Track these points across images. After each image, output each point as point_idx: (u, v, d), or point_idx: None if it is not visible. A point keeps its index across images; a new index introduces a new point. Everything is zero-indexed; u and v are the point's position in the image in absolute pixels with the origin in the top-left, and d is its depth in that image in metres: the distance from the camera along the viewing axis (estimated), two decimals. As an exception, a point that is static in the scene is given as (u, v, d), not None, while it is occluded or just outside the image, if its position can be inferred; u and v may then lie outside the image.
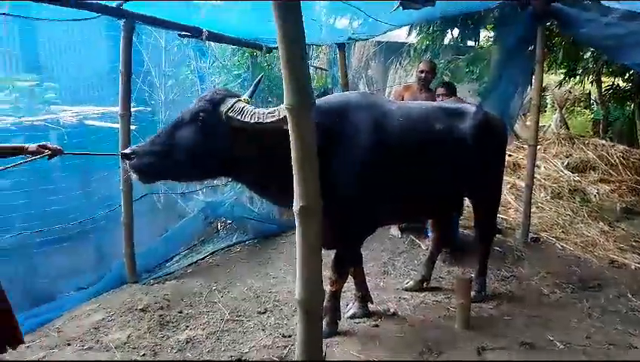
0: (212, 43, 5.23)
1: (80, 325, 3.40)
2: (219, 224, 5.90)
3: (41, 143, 2.68)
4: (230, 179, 3.18)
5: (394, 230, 5.52)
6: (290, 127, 1.83)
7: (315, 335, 2.04)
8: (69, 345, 3.15)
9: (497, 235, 5.55)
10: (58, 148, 2.70)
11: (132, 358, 3.01)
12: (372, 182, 3.00)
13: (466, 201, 4.36)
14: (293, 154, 1.87)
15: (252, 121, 2.49)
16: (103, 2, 3.59)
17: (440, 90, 5.05)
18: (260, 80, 3.12)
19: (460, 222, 5.32)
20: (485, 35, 8.65)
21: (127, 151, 2.59)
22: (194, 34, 4.32)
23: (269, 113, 2.46)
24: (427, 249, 5.08)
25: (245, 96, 2.77)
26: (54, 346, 3.14)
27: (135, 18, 3.81)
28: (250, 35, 5.30)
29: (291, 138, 1.86)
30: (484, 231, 4.13)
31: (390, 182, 3.11)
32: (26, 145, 2.67)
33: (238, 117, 2.52)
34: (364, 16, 4.57)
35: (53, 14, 3.84)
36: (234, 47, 5.62)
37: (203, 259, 5.12)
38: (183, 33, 4.35)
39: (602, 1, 3.67)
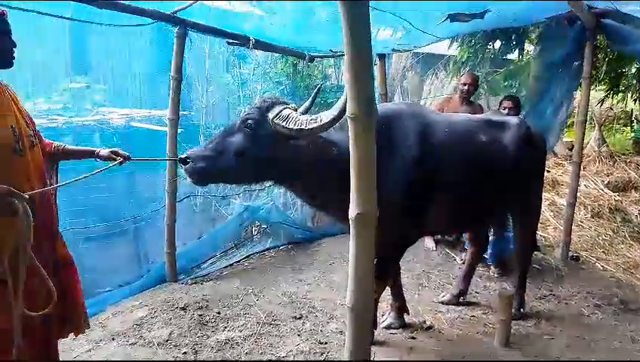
0: (256, 50, 5.33)
1: (124, 320, 3.50)
2: (253, 228, 5.98)
3: (112, 149, 2.67)
4: (278, 186, 3.24)
5: (428, 242, 5.47)
6: (351, 135, 1.86)
7: (365, 343, 2.05)
8: (113, 339, 3.24)
9: (536, 252, 5.45)
10: (127, 154, 2.71)
11: (174, 355, 3.08)
12: (416, 192, 3.00)
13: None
14: (352, 162, 1.89)
15: (295, 128, 2.52)
16: (157, 10, 3.74)
17: (506, 104, 4.95)
18: (319, 89, 3.14)
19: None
20: (525, 49, 8.53)
21: (184, 156, 2.69)
22: (242, 42, 4.42)
23: (311, 120, 2.49)
24: (463, 262, 5.05)
25: (294, 104, 2.79)
26: (99, 340, 3.23)
27: (188, 25, 3.92)
28: (292, 44, 5.39)
29: (351, 146, 1.88)
30: (523, 246, 4.06)
31: (433, 193, 3.10)
32: (97, 150, 2.68)
33: (284, 123, 2.56)
34: (407, 28, 4.59)
35: (108, 19, 3.99)
36: (277, 54, 5.72)
37: (238, 261, 5.21)
38: (232, 41, 4.45)
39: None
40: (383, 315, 3.79)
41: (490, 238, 4.77)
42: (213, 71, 5.93)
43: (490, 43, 7.75)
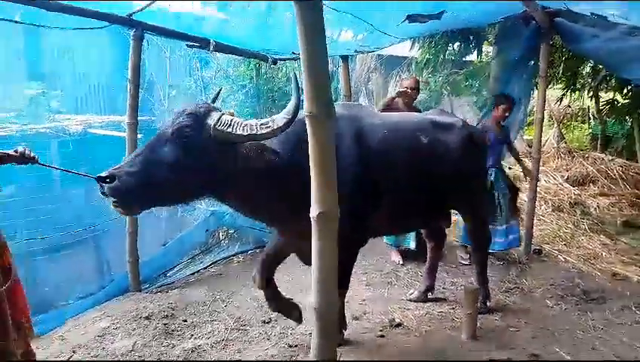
0: (217, 53, 5.26)
1: (85, 332, 3.38)
2: (220, 234, 5.89)
3: (19, 149, 2.53)
4: (216, 199, 2.78)
5: (395, 256, 5.40)
6: (310, 133, 1.85)
7: (331, 344, 2.04)
8: (74, 352, 3.12)
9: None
10: (33, 155, 2.53)
11: (138, 367, 2.99)
12: (355, 195, 2.87)
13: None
14: (312, 161, 1.89)
15: (245, 134, 2.30)
16: (113, 12, 3.65)
17: (503, 104, 5.01)
18: (220, 91, 3.01)
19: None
20: (484, 50, 8.76)
21: (104, 174, 2.18)
22: (202, 44, 4.36)
23: (262, 124, 2.30)
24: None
25: (231, 109, 2.71)
26: (60, 353, 3.11)
27: (145, 28, 3.84)
28: (255, 47, 5.35)
29: (310, 145, 1.88)
30: (478, 240, 4.15)
31: (373, 195, 3.04)
32: (8, 152, 2.53)
33: (228, 130, 2.32)
34: (368, 30, 4.63)
35: (62, 22, 3.86)
36: (239, 58, 5.66)
37: (205, 268, 5.12)
38: (191, 43, 4.38)
39: (607, 16, 3.74)
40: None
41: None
42: (175, 75, 5.81)
43: (450, 44, 7.92)
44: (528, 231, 5.43)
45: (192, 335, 3.49)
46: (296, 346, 3.39)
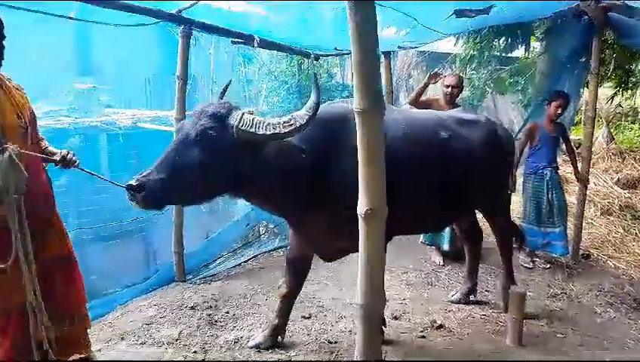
0: (260, 50, 5.32)
1: (133, 320, 3.50)
2: (260, 228, 5.97)
3: (62, 153, 2.59)
4: (240, 198, 2.81)
5: (435, 256, 5.29)
6: (358, 129, 1.85)
7: (376, 342, 2.03)
8: (123, 339, 3.23)
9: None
10: (74, 160, 2.60)
11: (184, 355, 3.07)
12: None
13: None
14: (360, 158, 1.88)
15: (268, 133, 2.29)
16: (162, 9, 3.74)
17: (556, 101, 4.88)
18: (228, 85, 2.95)
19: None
20: (531, 45, 8.47)
21: (134, 182, 2.19)
22: (246, 40, 4.41)
23: (284, 123, 2.29)
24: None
25: (250, 108, 2.66)
26: (109, 340, 3.23)
27: (193, 25, 3.92)
28: (297, 43, 5.38)
29: (359, 141, 1.87)
30: (501, 238, 4.08)
31: (393, 193, 2.97)
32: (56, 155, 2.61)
33: (252, 130, 2.31)
34: (412, 26, 4.56)
35: (111, 19, 3.99)
36: (281, 54, 5.71)
37: (246, 261, 5.21)
38: (236, 40, 4.45)
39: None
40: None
41: None
42: (219, 71, 5.92)
43: (495, 40, 7.69)
44: (576, 235, 5.23)
45: (235, 327, 3.55)
46: (336, 342, 3.39)
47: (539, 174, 5.05)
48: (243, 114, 2.36)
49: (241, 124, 2.31)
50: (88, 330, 2.75)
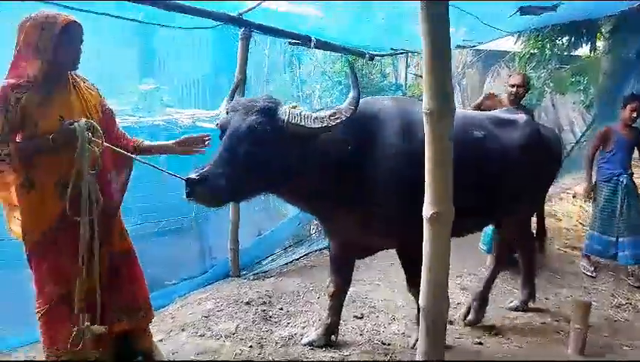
0: (315, 50, 5.36)
1: (193, 312, 3.62)
2: (311, 227, 6.02)
3: (179, 140, 2.85)
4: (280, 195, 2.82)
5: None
6: (427, 130, 1.83)
7: (439, 345, 2.00)
8: (183, 330, 3.35)
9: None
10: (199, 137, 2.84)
11: (241, 348, 3.14)
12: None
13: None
14: (428, 159, 1.86)
15: (317, 126, 2.32)
16: (224, 12, 3.85)
17: (631, 104, 4.67)
18: (238, 83, 2.92)
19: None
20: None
21: (194, 175, 2.17)
22: (303, 41, 4.46)
23: (332, 116, 2.32)
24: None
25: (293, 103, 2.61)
26: (170, 331, 3.36)
27: (253, 27, 4.01)
28: (351, 43, 5.38)
29: (427, 143, 1.85)
30: (523, 239, 3.96)
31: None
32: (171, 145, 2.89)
33: (303, 123, 2.33)
34: (471, 24, 4.45)
35: (174, 22, 4.14)
36: (336, 54, 5.73)
37: (297, 259, 5.27)
38: (293, 41, 4.51)
39: None
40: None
41: None
42: (272, 71, 6.02)
43: (558, 38, 7.36)
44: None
45: (289, 323, 3.60)
46: (389, 344, 3.37)
47: (613, 181, 4.81)
48: (290, 108, 2.41)
49: (290, 118, 2.35)
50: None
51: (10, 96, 2.24)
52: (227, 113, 2.51)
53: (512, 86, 4.68)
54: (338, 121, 2.31)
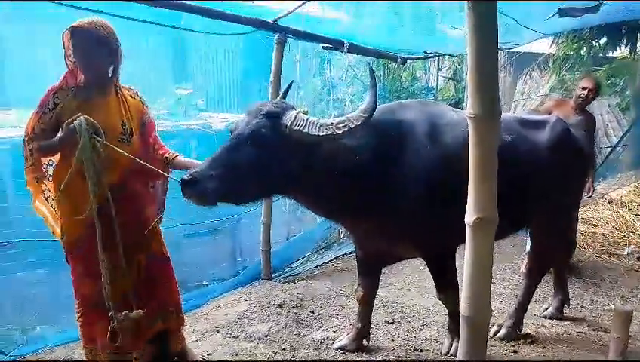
0: (348, 54, 5.37)
1: (227, 314, 3.67)
2: (340, 231, 6.02)
3: None
4: (294, 199, 2.78)
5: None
6: (472, 135, 1.81)
7: (480, 354, 1.97)
8: (218, 331, 3.40)
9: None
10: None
11: (274, 351, 3.17)
12: (443, 194, 2.65)
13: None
14: (471, 165, 1.84)
15: (321, 134, 2.25)
16: (259, 18, 3.90)
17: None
18: (289, 86, 2.87)
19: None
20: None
21: (186, 177, 2.23)
22: (336, 45, 4.48)
23: (338, 124, 2.24)
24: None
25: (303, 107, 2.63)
26: (205, 332, 3.41)
27: (288, 32, 4.04)
28: (382, 46, 5.37)
29: (471, 148, 1.83)
30: (543, 258, 3.68)
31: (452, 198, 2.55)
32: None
33: (306, 130, 2.27)
34: (506, 25, 4.38)
35: (210, 28, 4.20)
36: (366, 58, 5.73)
37: (327, 263, 5.28)
38: (326, 45, 4.53)
39: None
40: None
41: None
42: (304, 76, 6.05)
43: (596, 39, 7.16)
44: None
45: (320, 327, 3.61)
46: (421, 351, 3.34)
47: None
48: (297, 113, 2.34)
49: (294, 124, 2.29)
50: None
51: (50, 100, 2.36)
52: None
53: (584, 89, 4.54)
54: (345, 130, 2.23)
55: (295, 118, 2.31)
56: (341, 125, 2.24)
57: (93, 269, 2.41)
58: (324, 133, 2.25)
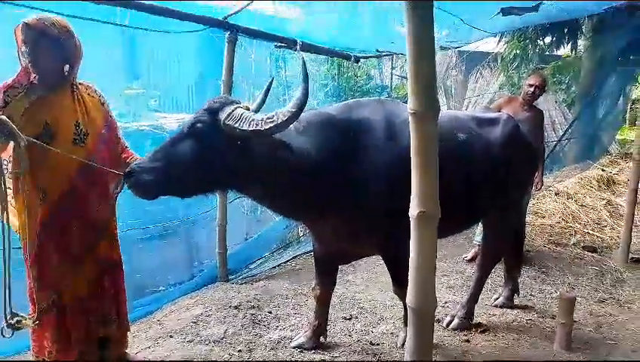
0: (301, 53, 5.37)
1: (180, 318, 3.59)
2: (299, 230, 6.02)
3: None
4: (239, 193, 2.81)
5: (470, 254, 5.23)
6: (412, 131, 1.85)
7: (427, 343, 2.02)
8: (171, 336, 3.32)
9: (592, 254, 5.26)
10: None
11: (230, 353, 3.13)
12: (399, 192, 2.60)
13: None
14: (413, 159, 1.88)
15: (250, 129, 2.25)
16: (209, 16, 3.85)
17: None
18: (270, 85, 2.90)
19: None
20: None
21: (128, 169, 2.35)
22: (289, 44, 4.48)
23: (267, 119, 2.24)
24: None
25: (246, 103, 2.55)
26: (158, 337, 3.32)
27: (239, 31, 4.01)
28: (338, 45, 5.41)
29: (412, 143, 1.87)
30: (489, 252, 3.79)
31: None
32: None
33: (237, 125, 2.28)
34: (454, 25, 4.51)
35: (159, 26, 4.11)
36: (322, 57, 5.76)
37: (286, 262, 5.27)
38: (280, 44, 4.52)
39: None
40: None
41: None
42: (259, 75, 6.00)
43: (540, 38, 7.48)
44: (626, 238, 5.04)
45: (277, 326, 3.60)
46: (378, 344, 3.39)
47: None
48: (235, 109, 2.34)
49: (227, 119, 2.31)
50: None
51: (0, 98, 2.25)
52: None
53: (531, 86, 4.70)
54: (272, 125, 2.21)
55: (230, 113, 2.32)
56: (269, 120, 2.23)
57: (46, 275, 2.39)
58: (253, 128, 2.25)
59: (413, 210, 1.90)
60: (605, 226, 6.30)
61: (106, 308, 2.63)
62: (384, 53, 5.54)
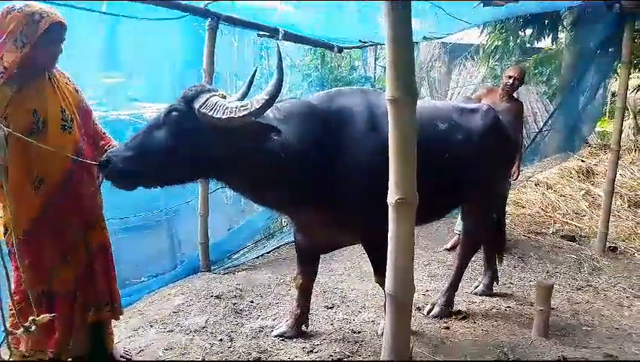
0: (285, 43, 5.33)
1: (161, 308, 3.57)
2: (283, 220, 6.01)
3: None
4: (218, 182, 2.77)
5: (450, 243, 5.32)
6: (391, 118, 1.85)
7: (404, 330, 2.04)
8: (151, 326, 3.30)
9: (571, 243, 5.36)
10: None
11: (210, 342, 3.12)
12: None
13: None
14: (391, 146, 1.88)
15: (223, 117, 2.22)
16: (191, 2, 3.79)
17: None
18: (254, 75, 2.86)
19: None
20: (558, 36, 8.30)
21: (103, 158, 2.32)
22: (271, 33, 4.44)
23: (241, 107, 2.21)
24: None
25: (223, 91, 2.50)
26: (138, 327, 3.30)
27: (220, 18, 3.96)
28: (321, 35, 5.38)
29: (391, 129, 1.88)
30: (474, 238, 3.84)
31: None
32: None
33: (211, 113, 2.25)
34: (437, 16, 4.51)
35: (138, 13, 4.04)
36: (305, 47, 5.72)
37: (269, 252, 5.27)
38: (262, 33, 4.48)
39: None
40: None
41: None
42: (242, 65, 5.94)
43: (521, 30, 7.54)
44: (603, 227, 5.15)
45: (259, 316, 3.60)
46: (359, 332, 3.42)
47: None
48: (210, 97, 2.31)
49: (202, 107, 2.28)
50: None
51: None
52: None
53: (509, 78, 4.75)
54: (246, 112, 2.18)
55: (205, 101, 2.29)
56: (243, 108, 2.21)
57: (38, 266, 2.37)
58: (227, 116, 2.22)
59: (391, 197, 1.91)
60: (584, 216, 6.43)
61: (99, 294, 2.60)
62: (367, 44, 5.53)
